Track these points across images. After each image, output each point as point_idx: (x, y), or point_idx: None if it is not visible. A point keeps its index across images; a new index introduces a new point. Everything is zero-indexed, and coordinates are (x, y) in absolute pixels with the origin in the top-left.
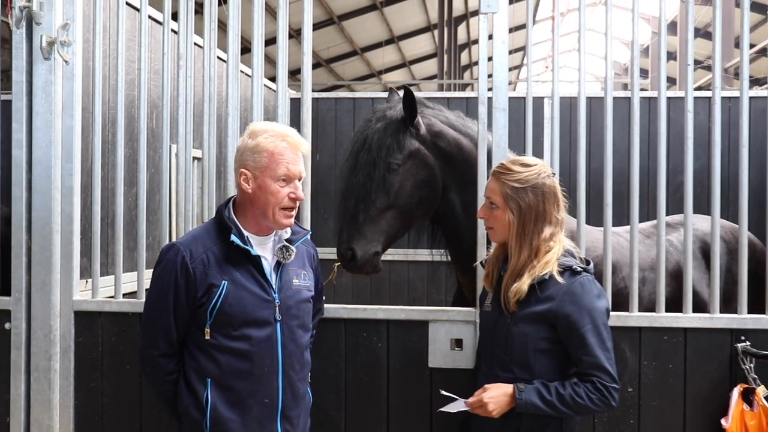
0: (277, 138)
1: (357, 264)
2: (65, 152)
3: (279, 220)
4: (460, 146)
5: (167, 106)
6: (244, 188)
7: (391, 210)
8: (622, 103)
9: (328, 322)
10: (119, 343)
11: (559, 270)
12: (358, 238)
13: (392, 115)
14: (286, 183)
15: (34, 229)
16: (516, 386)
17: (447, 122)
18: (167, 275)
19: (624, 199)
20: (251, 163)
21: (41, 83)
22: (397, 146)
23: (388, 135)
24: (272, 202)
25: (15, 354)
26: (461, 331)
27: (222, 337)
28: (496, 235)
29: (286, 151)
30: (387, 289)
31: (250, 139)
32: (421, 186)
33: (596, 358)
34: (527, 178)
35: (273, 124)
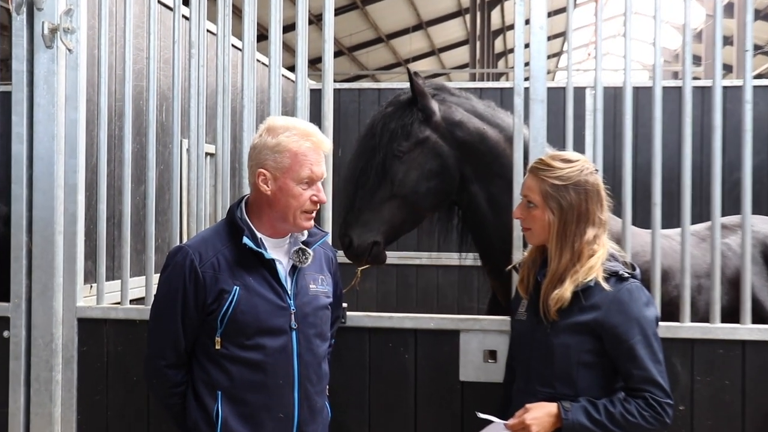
0: (300, 137)
1: (354, 252)
2: (68, 147)
3: (300, 223)
4: (484, 137)
5: (178, 98)
6: (262, 189)
7: (394, 199)
8: (672, 93)
9: (350, 331)
10: (126, 353)
11: (605, 276)
12: (356, 226)
13: (404, 100)
14: (308, 185)
15: (35, 229)
16: (561, 405)
17: (473, 111)
18: (175, 280)
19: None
20: (271, 162)
21: (43, 73)
22: (402, 133)
23: (393, 120)
24: (294, 205)
25: (14, 364)
26: (495, 342)
27: (233, 347)
28: (534, 236)
29: (309, 151)
30: (415, 295)
31: (269, 136)
32: (429, 176)
33: (647, 372)
34: (569, 175)
35: (294, 121)
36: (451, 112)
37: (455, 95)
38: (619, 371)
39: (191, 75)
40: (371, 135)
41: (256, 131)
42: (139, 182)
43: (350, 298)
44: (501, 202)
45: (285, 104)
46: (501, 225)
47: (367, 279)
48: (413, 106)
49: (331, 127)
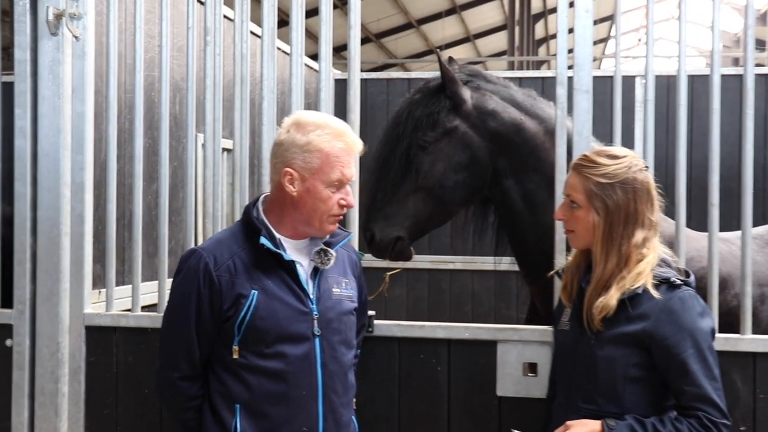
0: (333, 137)
1: (376, 246)
2: (75, 142)
3: (325, 227)
4: (521, 128)
5: (192, 89)
6: (288, 190)
7: (419, 192)
8: (732, 81)
9: (378, 341)
10: (137, 363)
11: (655, 283)
12: (379, 220)
13: (433, 87)
14: (337, 188)
15: (40, 231)
16: (605, 423)
17: (510, 100)
18: (188, 285)
19: (734, 198)
20: (299, 162)
21: (47, 62)
22: (429, 122)
23: (419, 108)
24: (321, 209)
25: (17, 375)
26: (536, 354)
27: (252, 356)
28: (577, 239)
29: (342, 153)
30: (448, 302)
31: (298, 133)
32: (457, 169)
33: (701, 389)
34: (616, 172)
35: (325, 117)
36: (485, 101)
37: (492, 82)
38: (670, 388)
39: (207, 64)
40: (396, 123)
41: (279, 125)
42: (151, 180)
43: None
44: (537, 199)
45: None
46: (537, 224)
47: (396, 285)
48: (442, 93)
49: (358, 121)
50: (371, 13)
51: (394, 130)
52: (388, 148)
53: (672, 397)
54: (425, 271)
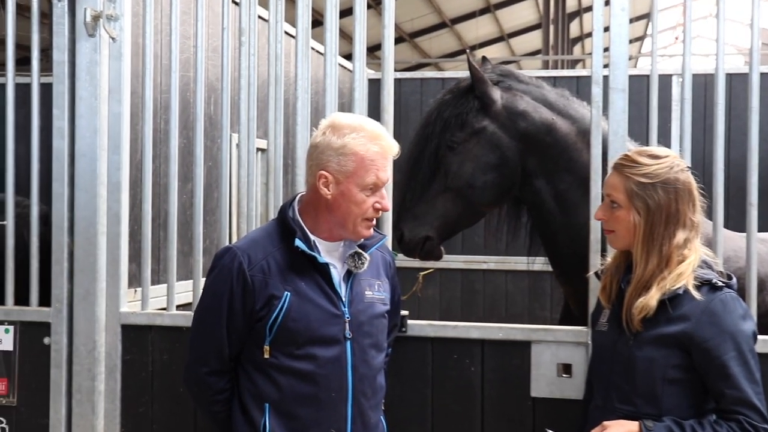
0: (368, 140)
1: (406, 246)
2: (112, 143)
3: (360, 231)
4: (552, 128)
5: (227, 89)
6: (322, 192)
7: (448, 193)
8: None
9: (411, 341)
10: (172, 361)
11: (696, 284)
12: (408, 219)
13: (463, 87)
14: (372, 192)
15: (77, 230)
16: (642, 424)
17: (543, 100)
18: (221, 283)
19: None
20: (334, 165)
21: (85, 64)
22: (457, 122)
23: (448, 108)
24: (355, 213)
25: (55, 373)
26: (570, 355)
27: (283, 356)
28: (617, 239)
29: (377, 156)
30: (481, 303)
31: (334, 135)
32: (486, 170)
33: (742, 392)
34: (657, 172)
35: (361, 120)
36: (515, 101)
37: (524, 82)
38: (710, 390)
39: (241, 64)
40: (425, 124)
41: (313, 125)
42: (185, 180)
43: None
44: (569, 200)
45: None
46: (569, 224)
47: (429, 285)
48: (471, 93)
49: (392, 121)
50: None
51: (423, 130)
52: (417, 149)
53: (712, 400)
54: (458, 271)
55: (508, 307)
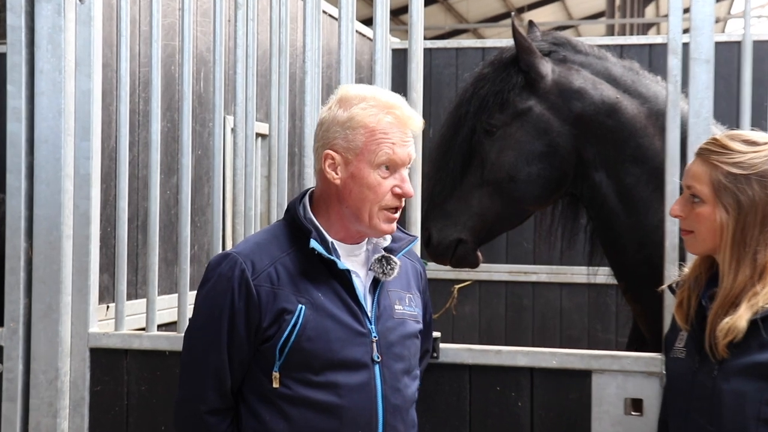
0: (379, 109)
1: (434, 251)
2: (80, 126)
3: (377, 224)
4: (614, 109)
5: (220, 61)
6: (330, 177)
7: (485, 187)
8: None
9: (445, 369)
10: (152, 394)
11: None
12: (437, 218)
13: (506, 58)
14: (389, 172)
15: (36, 232)
16: None
17: (606, 74)
18: (219, 297)
19: None
20: (341, 142)
21: (46, 30)
22: (497, 101)
23: (486, 85)
24: (369, 198)
25: (8, 408)
26: (641, 388)
27: (297, 385)
28: (697, 242)
29: (391, 127)
30: (530, 322)
31: (340, 108)
32: (531, 159)
33: None
34: (753, 162)
35: (373, 89)
36: (569, 76)
37: (582, 53)
38: None
39: (237, 32)
40: (459, 104)
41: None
42: (170, 172)
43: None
44: (637, 196)
45: (359, 69)
46: (638, 226)
47: (466, 300)
48: (514, 66)
49: (420, 99)
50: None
51: (456, 111)
52: (449, 133)
53: None
54: (502, 283)
55: (563, 328)
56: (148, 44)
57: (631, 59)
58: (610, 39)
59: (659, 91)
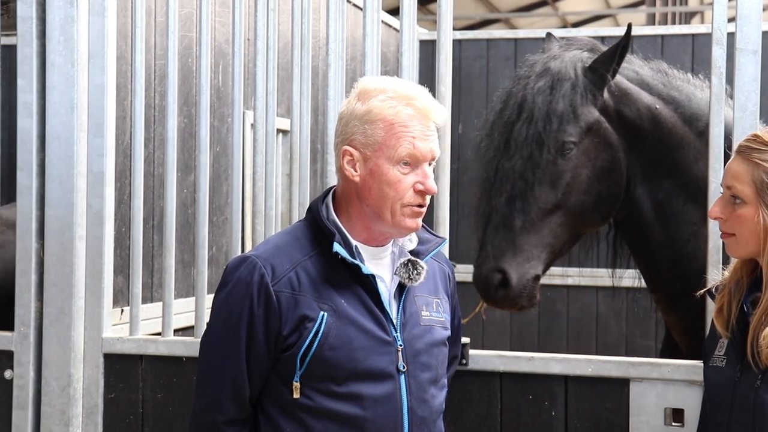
0: (398, 101)
1: (510, 294)
2: (93, 122)
3: (401, 221)
4: (657, 119)
5: (240, 54)
6: (349, 174)
7: (558, 212)
8: None
9: (475, 376)
10: (168, 401)
11: None
12: (512, 254)
13: (560, 68)
14: (410, 168)
15: (48, 233)
16: None
17: (638, 80)
18: (237, 303)
19: None
20: (360, 137)
21: (58, 21)
22: (572, 115)
23: (559, 98)
24: (390, 195)
25: (18, 416)
26: (682, 397)
27: (319, 395)
28: (738, 245)
29: (411, 120)
30: (564, 328)
31: (359, 102)
32: (600, 176)
33: None
34: None
35: (393, 80)
36: (617, 83)
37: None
38: None
39: (257, 23)
40: (527, 119)
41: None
42: (187, 170)
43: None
44: (670, 210)
45: (385, 61)
46: (671, 242)
47: None
48: (584, 77)
49: (449, 94)
50: None
51: (527, 128)
52: (517, 153)
53: None
54: None
55: (599, 334)
56: (165, 36)
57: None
58: (651, 29)
59: (692, 92)
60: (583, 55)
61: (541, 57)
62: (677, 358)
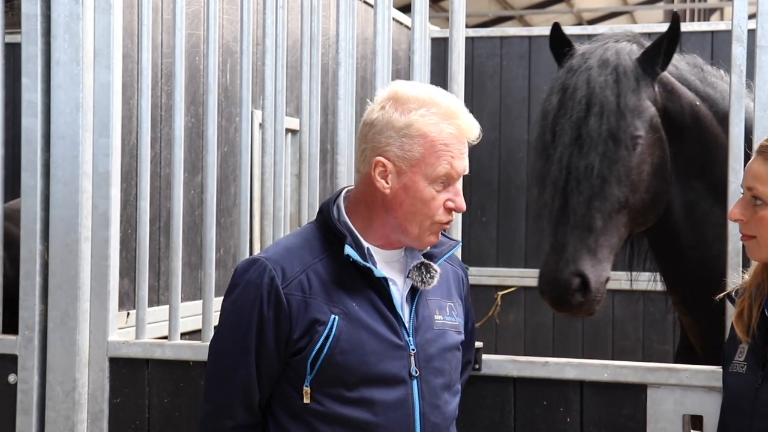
0: (441, 118)
1: (588, 299)
2: (99, 121)
3: (424, 237)
4: (697, 116)
5: (248, 52)
6: (379, 186)
7: (623, 211)
8: None
9: (488, 382)
10: (175, 406)
11: None
12: (588, 257)
13: (619, 61)
14: (443, 186)
15: (53, 234)
16: None
17: (677, 75)
18: (247, 305)
19: None
20: (396, 150)
21: (63, 18)
22: (639, 109)
23: (627, 92)
24: (423, 213)
25: (22, 421)
26: (701, 404)
27: (329, 401)
28: (759, 248)
29: (452, 139)
30: (580, 332)
31: (396, 111)
32: (656, 173)
33: None
34: None
35: (431, 92)
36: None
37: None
38: None
39: (266, 20)
40: (598, 114)
41: (362, 100)
42: (194, 170)
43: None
44: (698, 212)
45: (396, 60)
46: (696, 244)
47: (510, 307)
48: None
49: (462, 91)
50: None
51: (599, 123)
52: (581, 147)
53: None
54: None
55: (615, 338)
56: (171, 34)
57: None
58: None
59: (726, 90)
60: (633, 47)
61: (591, 47)
62: (693, 359)
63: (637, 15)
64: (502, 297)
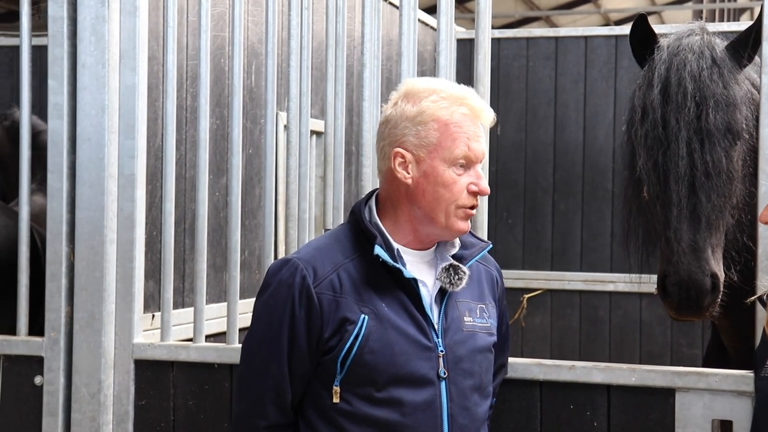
0: (451, 102)
1: (716, 300)
2: (124, 124)
3: (453, 223)
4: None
5: (273, 54)
6: (400, 177)
7: (728, 206)
8: None
9: (514, 385)
10: (200, 408)
11: None
12: (713, 256)
13: (716, 54)
14: (464, 170)
15: (78, 236)
16: None
17: None
18: (279, 305)
19: None
20: (412, 138)
21: (89, 20)
22: (741, 102)
23: (733, 84)
24: (446, 197)
25: (48, 423)
26: (730, 408)
27: (358, 401)
28: None
29: (465, 120)
30: (607, 336)
31: (408, 103)
32: (747, 167)
33: None
34: None
35: (440, 81)
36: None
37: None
38: None
39: (291, 22)
40: (714, 106)
41: (387, 99)
42: (219, 172)
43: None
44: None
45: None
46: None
47: (537, 311)
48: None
49: (488, 93)
50: None
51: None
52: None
53: None
54: (576, 293)
55: (643, 342)
56: (197, 35)
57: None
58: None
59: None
60: (717, 40)
61: (678, 41)
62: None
63: (665, 15)
64: (528, 300)
